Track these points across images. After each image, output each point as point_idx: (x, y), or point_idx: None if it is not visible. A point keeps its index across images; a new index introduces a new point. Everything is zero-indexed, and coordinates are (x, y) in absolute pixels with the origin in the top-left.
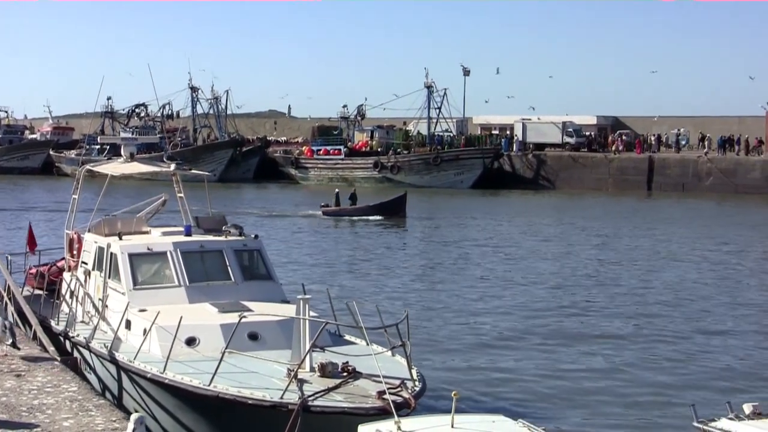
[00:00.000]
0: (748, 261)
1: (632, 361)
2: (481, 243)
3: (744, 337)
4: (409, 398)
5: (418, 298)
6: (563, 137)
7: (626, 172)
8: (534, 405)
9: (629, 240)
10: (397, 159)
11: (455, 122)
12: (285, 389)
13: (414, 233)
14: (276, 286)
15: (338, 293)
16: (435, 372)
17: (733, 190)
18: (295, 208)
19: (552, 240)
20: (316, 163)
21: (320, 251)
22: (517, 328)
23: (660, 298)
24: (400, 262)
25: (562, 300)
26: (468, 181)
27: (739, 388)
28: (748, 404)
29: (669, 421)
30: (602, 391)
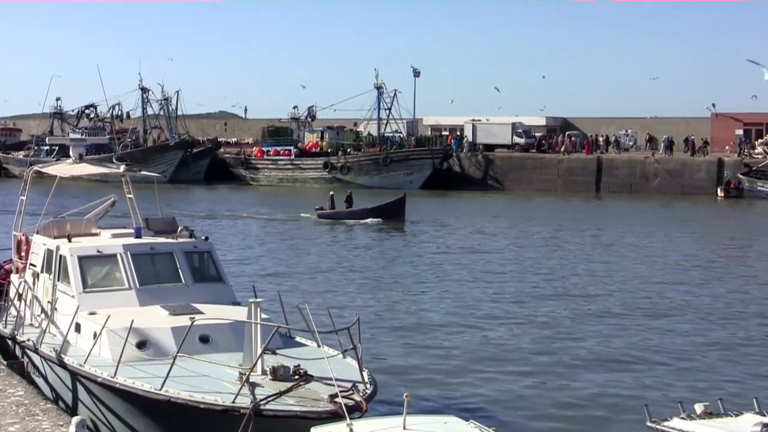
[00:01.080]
0: (700, 261)
1: (585, 361)
2: (433, 245)
3: (696, 337)
4: (361, 401)
5: (371, 301)
6: (513, 138)
7: (575, 173)
8: (485, 405)
9: (579, 241)
10: (347, 159)
11: (405, 123)
12: (237, 393)
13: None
14: (227, 288)
15: (304, 297)
16: (387, 373)
17: (680, 191)
18: (270, 210)
19: (502, 241)
20: (267, 164)
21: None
22: (469, 330)
23: (611, 299)
24: (370, 265)
25: (513, 302)
26: (417, 181)
27: (691, 388)
28: (699, 404)
29: (622, 422)
30: (554, 392)
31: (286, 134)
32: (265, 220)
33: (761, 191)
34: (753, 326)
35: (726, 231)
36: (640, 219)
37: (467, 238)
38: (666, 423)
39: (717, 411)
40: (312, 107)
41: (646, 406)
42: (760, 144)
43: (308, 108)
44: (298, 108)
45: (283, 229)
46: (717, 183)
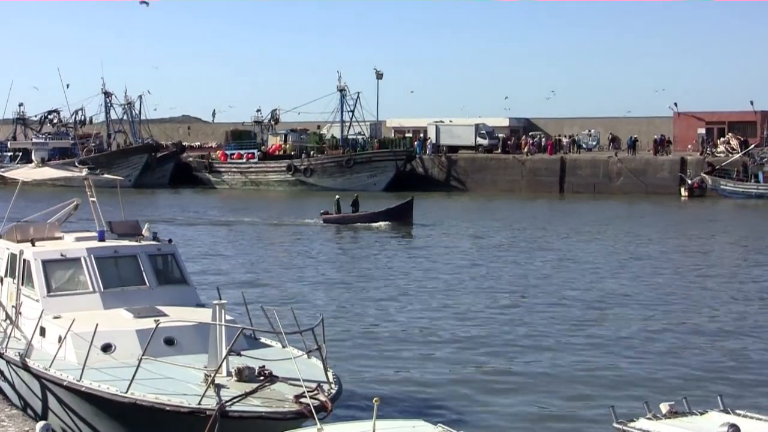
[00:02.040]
0: (662, 261)
1: (551, 363)
2: (399, 248)
3: (661, 337)
4: (326, 401)
5: (344, 304)
6: (476, 139)
7: (539, 174)
8: (454, 409)
9: (544, 242)
10: (310, 162)
11: (369, 125)
12: (203, 395)
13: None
14: (191, 290)
15: (281, 300)
16: (357, 378)
17: (643, 190)
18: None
19: (469, 243)
20: (230, 167)
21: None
22: (438, 333)
23: (576, 301)
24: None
25: (481, 304)
26: (381, 183)
27: (657, 388)
28: (664, 404)
29: (589, 423)
30: (521, 394)
31: (250, 137)
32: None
33: (724, 190)
34: (715, 325)
35: (689, 229)
36: (602, 219)
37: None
38: (632, 424)
39: (682, 410)
40: (275, 110)
41: (612, 407)
42: (722, 143)
43: (271, 111)
44: (261, 111)
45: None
46: (680, 182)
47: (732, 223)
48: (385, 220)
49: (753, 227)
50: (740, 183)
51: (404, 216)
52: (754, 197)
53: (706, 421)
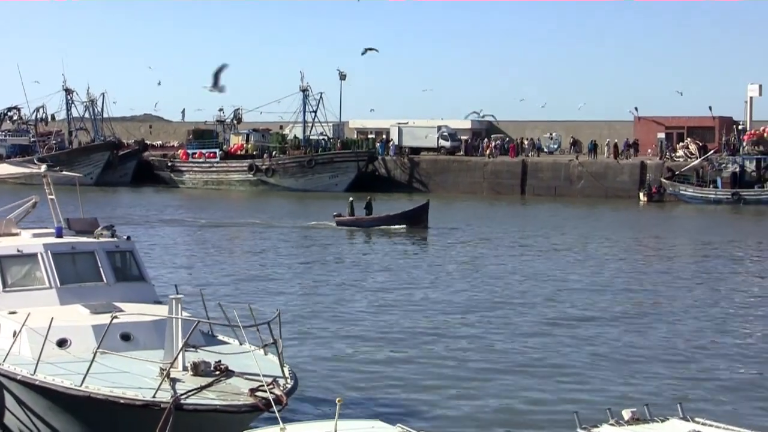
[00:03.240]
0: (622, 265)
1: (516, 367)
2: (365, 248)
3: (623, 344)
4: (281, 395)
5: (310, 303)
6: (438, 141)
7: (500, 176)
8: (414, 410)
9: (505, 244)
10: (272, 162)
11: (331, 126)
12: (157, 388)
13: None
14: (148, 287)
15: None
16: (319, 377)
17: (604, 194)
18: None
19: (428, 246)
20: (192, 166)
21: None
22: (400, 333)
23: (538, 306)
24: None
25: (444, 306)
26: (343, 184)
27: (620, 395)
28: (627, 410)
29: (553, 428)
30: (484, 397)
31: (212, 137)
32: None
33: (683, 195)
34: (675, 330)
35: (648, 234)
36: (562, 222)
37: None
38: (595, 430)
39: (644, 416)
40: (238, 110)
41: (576, 413)
42: (681, 147)
43: (234, 110)
44: (223, 110)
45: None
46: (640, 186)
47: (690, 228)
48: (401, 224)
49: (711, 232)
50: (699, 188)
51: (419, 219)
52: (713, 202)
53: (666, 428)
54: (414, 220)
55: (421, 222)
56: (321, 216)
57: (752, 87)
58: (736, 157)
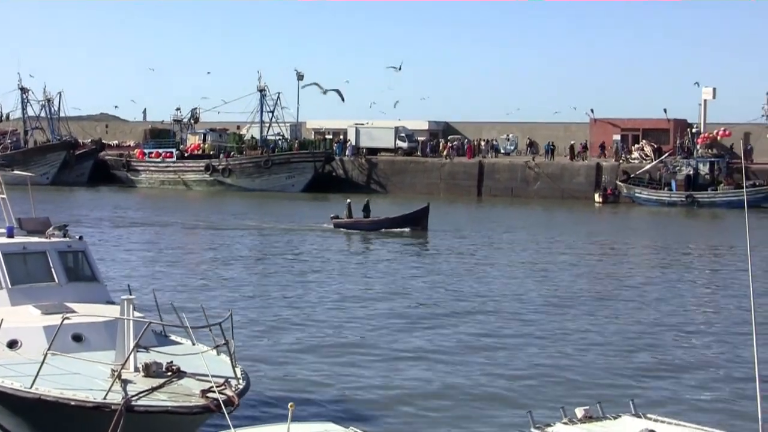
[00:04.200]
0: (576, 265)
1: (469, 368)
2: (319, 249)
3: (577, 343)
4: (233, 396)
5: (267, 305)
6: (396, 142)
7: (457, 177)
8: (367, 413)
9: (460, 245)
10: (229, 162)
11: (288, 126)
12: (108, 390)
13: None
14: (101, 287)
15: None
16: (272, 380)
17: (560, 195)
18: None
19: (384, 248)
20: (148, 165)
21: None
22: (354, 336)
23: (493, 306)
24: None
25: (398, 309)
26: (299, 184)
27: (573, 393)
28: (579, 408)
29: (507, 427)
30: (438, 398)
31: (169, 136)
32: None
33: (638, 197)
34: (627, 329)
35: (601, 235)
36: (517, 223)
37: (357, 242)
38: (549, 429)
39: (597, 414)
40: (195, 109)
41: (530, 411)
42: (636, 149)
43: (191, 110)
44: (181, 110)
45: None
46: (595, 187)
47: (643, 229)
48: (401, 227)
49: (664, 234)
50: (653, 191)
51: (419, 222)
52: (667, 205)
53: (619, 425)
54: (414, 224)
55: (421, 225)
56: (282, 218)
57: (706, 90)
58: (690, 159)
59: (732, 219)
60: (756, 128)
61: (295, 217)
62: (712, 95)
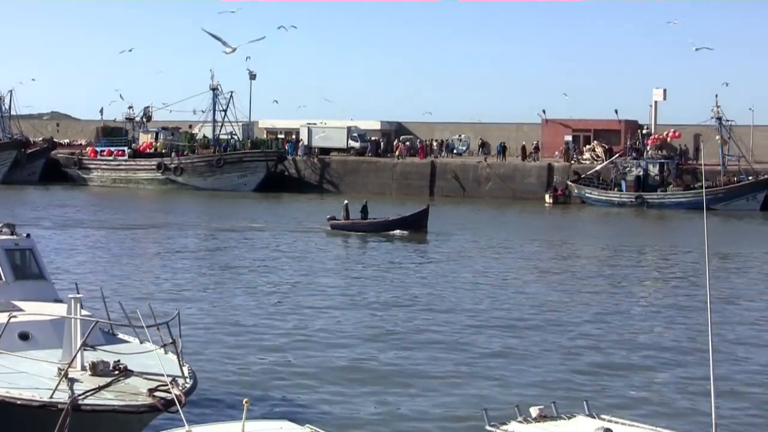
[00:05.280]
0: (529, 266)
1: (425, 365)
2: (266, 249)
3: (532, 342)
4: (180, 395)
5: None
6: (348, 142)
7: (409, 177)
8: (323, 411)
9: (415, 247)
10: (180, 161)
11: (241, 126)
12: (55, 389)
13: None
14: (48, 285)
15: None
16: (226, 378)
17: (511, 195)
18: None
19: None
20: (100, 164)
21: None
22: (310, 334)
23: (448, 307)
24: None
25: (355, 308)
26: (251, 184)
27: (527, 392)
28: (534, 407)
29: (462, 426)
30: (393, 396)
31: (121, 135)
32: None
33: (589, 198)
34: (581, 329)
35: (553, 235)
36: (467, 224)
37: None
38: (504, 427)
39: (551, 414)
40: (147, 108)
41: (485, 410)
42: (587, 150)
43: (144, 108)
44: (133, 108)
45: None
46: (546, 188)
47: (592, 230)
48: (401, 229)
49: (613, 234)
50: (604, 191)
51: (419, 224)
52: (617, 205)
53: (572, 424)
54: (413, 226)
55: (421, 227)
56: (234, 218)
57: (657, 91)
58: (640, 160)
59: (680, 220)
60: (706, 130)
61: (239, 218)
62: (662, 97)
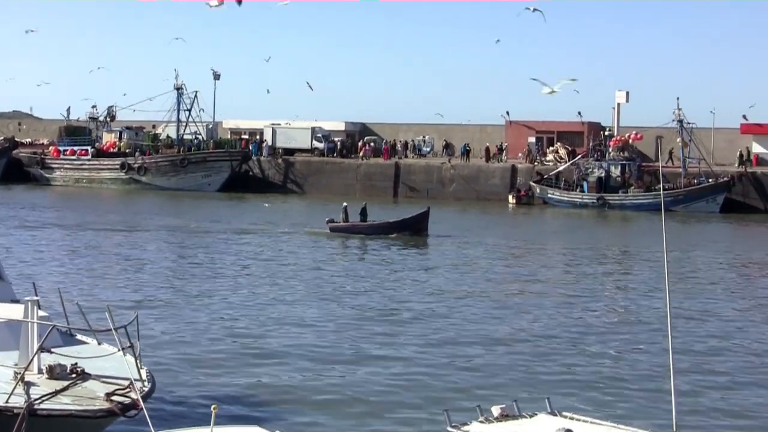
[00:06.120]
0: (491, 265)
1: (387, 368)
2: (236, 252)
3: (492, 342)
4: (138, 399)
5: (190, 307)
6: (312, 142)
7: (373, 178)
8: (291, 416)
9: (375, 248)
10: (144, 160)
11: (205, 126)
12: (11, 393)
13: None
14: (6, 286)
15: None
16: (196, 384)
17: (475, 197)
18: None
19: (304, 249)
20: (62, 163)
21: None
22: (279, 338)
23: (408, 308)
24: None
25: (319, 309)
26: (216, 184)
27: (489, 392)
28: (496, 406)
29: (424, 426)
30: (359, 401)
31: (84, 134)
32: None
33: (551, 198)
34: (540, 328)
35: (516, 235)
36: (432, 226)
37: (273, 243)
38: (465, 427)
39: (513, 412)
40: (111, 107)
41: (446, 410)
42: (550, 152)
43: (108, 108)
44: (97, 108)
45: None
46: (510, 189)
47: (553, 230)
48: (401, 231)
49: (574, 235)
50: (566, 192)
51: (420, 227)
52: (579, 206)
53: (534, 423)
54: (414, 228)
55: (422, 230)
56: (199, 217)
57: (620, 93)
58: (602, 162)
59: (641, 221)
60: (667, 132)
61: (201, 218)
62: (625, 99)
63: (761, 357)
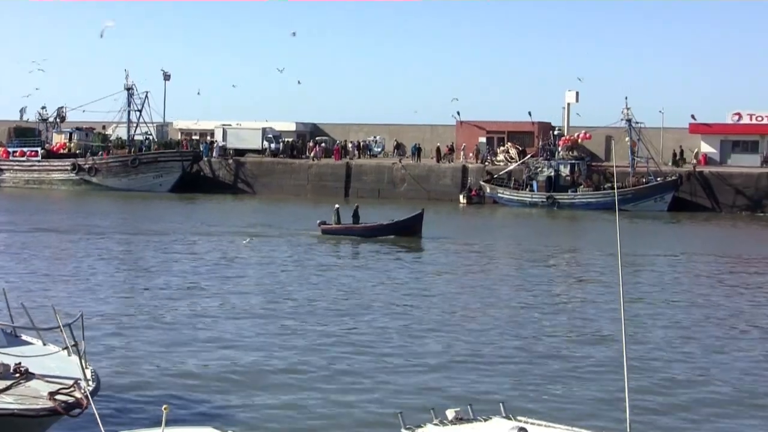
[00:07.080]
0: (443, 267)
1: (341, 368)
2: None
3: (447, 345)
4: (82, 398)
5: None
6: (263, 143)
7: (324, 178)
8: (245, 415)
9: (325, 250)
10: (95, 161)
11: (156, 126)
12: None
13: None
14: None
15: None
16: (146, 384)
17: (426, 197)
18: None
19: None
20: (12, 165)
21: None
22: (234, 338)
23: (363, 310)
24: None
25: (277, 313)
26: (167, 184)
27: (443, 395)
28: (450, 410)
29: (377, 428)
30: (312, 400)
31: (34, 135)
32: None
33: (502, 198)
34: (494, 331)
35: (466, 235)
36: None
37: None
38: (419, 430)
39: (467, 416)
40: (61, 108)
41: (401, 413)
42: (501, 152)
43: (57, 109)
44: (46, 108)
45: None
46: (461, 189)
47: (504, 229)
48: (395, 234)
49: (524, 234)
50: (515, 191)
51: (414, 230)
52: (528, 206)
53: (489, 426)
54: (408, 231)
55: (416, 232)
56: (153, 219)
57: (569, 93)
58: (552, 161)
59: (589, 220)
60: (617, 132)
61: (156, 219)
62: (575, 99)
63: (712, 354)
